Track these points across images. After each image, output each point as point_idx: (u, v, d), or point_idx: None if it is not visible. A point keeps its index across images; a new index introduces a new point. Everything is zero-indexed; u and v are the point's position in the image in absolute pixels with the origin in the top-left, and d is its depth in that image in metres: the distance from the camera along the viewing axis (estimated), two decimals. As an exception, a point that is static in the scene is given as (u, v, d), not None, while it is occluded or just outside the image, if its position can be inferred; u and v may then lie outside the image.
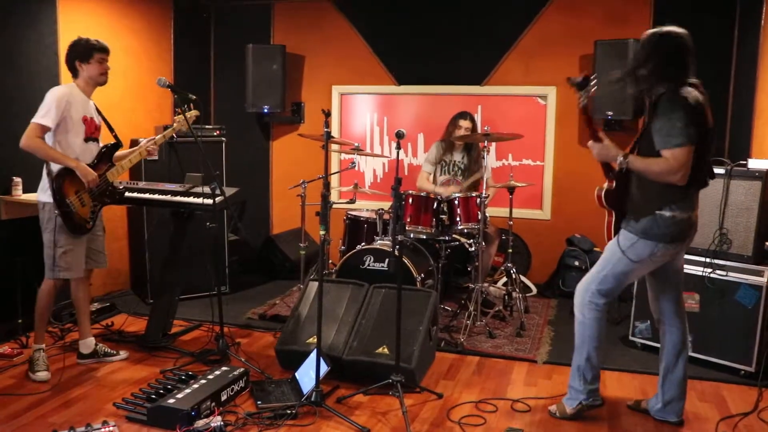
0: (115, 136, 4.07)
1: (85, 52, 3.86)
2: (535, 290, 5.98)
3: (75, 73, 3.91)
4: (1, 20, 4.46)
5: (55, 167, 3.76)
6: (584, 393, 3.45)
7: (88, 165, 3.87)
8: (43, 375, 3.84)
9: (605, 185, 3.38)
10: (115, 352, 4.20)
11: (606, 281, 3.33)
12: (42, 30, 4.76)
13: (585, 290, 3.39)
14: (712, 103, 3.14)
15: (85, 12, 5.20)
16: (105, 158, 4.01)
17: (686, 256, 4.22)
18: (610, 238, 3.40)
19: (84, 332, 4.16)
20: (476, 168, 5.51)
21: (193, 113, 4.32)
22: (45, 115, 3.70)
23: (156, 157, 4.61)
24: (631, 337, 4.57)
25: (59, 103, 3.74)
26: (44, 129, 3.71)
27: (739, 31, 5.52)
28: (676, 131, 2.99)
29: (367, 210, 5.42)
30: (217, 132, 5.69)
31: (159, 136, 4.25)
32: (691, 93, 3.05)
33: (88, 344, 4.15)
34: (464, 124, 5.50)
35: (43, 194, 3.84)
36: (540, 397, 3.75)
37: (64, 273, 3.90)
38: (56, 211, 3.74)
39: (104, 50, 3.93)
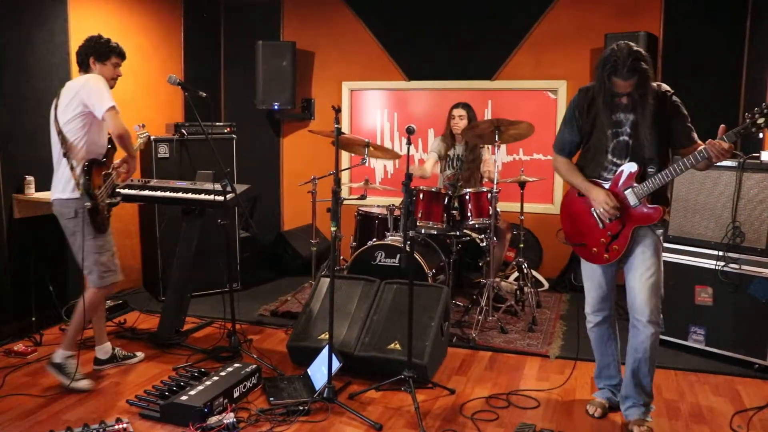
0: (111, 140, 3.89)
1: (104, 51, 3.74)
2: (546, 285, 5.97)
3: (86, 68, 3.77)
4: (12, 19, 4.48)
5: (79, 162, 3.62)
6: (652, 400, 3.36)
7: (103, 157, 3.76)
8: (85, 383, 3.71)
9: (667, 212, 3.19)
10: (132, 355, 4.14)
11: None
12: (53, 28, 4.78)
13: (657, 303, 3.18)
14: (724, 95, 3.10)
15: (96, 10, 5.23)
16: (111, 154, 3.87)
17: (699, 250, 4.22)
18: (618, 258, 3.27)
19: (100, 338, 4.05)
20: (472, 158, 5.45)
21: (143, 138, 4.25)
22: (109, 97, 3.57)
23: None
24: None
25: (106, 87, 3.63)
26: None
27: (751, 22, 5.46)
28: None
29: (378, 206, 5.42)
30: (228, 129, 5.70)
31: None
32: None
33: (105, 349, 4.04)
34: (457, 112, 5.45)
35: (68, 192, 3.66)
36: (542, 389, 3.76)
37: (114, 276, 3.81)
38: (87, 204, 3.58)
39: (122, 55, 3.83)
